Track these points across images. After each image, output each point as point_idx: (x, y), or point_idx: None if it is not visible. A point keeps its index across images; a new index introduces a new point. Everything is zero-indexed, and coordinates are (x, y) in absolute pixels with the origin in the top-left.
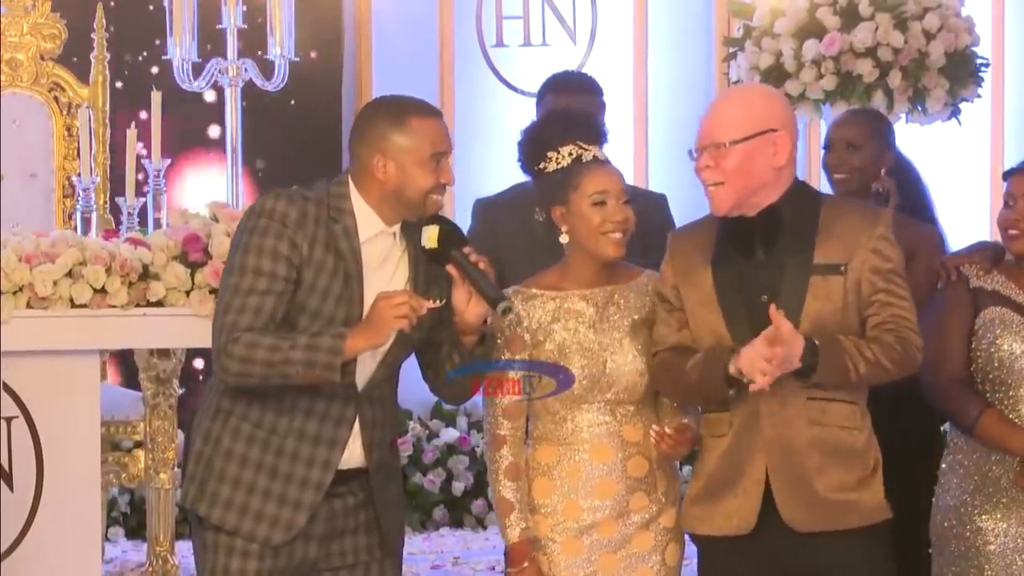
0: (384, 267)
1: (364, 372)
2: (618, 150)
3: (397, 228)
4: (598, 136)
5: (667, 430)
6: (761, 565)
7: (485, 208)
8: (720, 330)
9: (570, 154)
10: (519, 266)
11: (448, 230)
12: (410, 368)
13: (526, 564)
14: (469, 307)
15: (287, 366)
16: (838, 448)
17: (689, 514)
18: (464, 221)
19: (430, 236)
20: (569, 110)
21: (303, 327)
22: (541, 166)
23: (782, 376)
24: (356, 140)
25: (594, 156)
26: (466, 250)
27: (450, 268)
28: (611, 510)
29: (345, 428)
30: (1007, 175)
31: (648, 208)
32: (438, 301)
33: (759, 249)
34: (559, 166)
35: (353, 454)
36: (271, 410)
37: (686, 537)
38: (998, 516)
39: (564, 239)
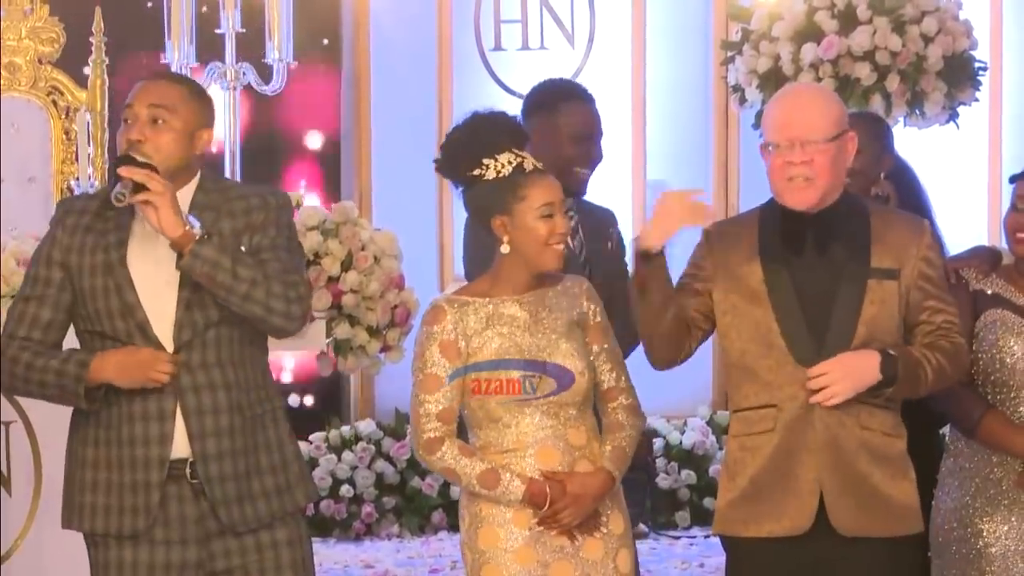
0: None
1: (167, 331)
2: (616, 154)
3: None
4: (525, 140)
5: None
6: (801, 569)
7: None
8: (769, 325)
9: (510, 162)
10: None
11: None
12: (407, 374)
13: (548, 494)
14: (156, 221)
15: (44, 388)
16: (884, 454)
17: (729, 517)
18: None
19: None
20: (495, 114)
21: (92, 311)
22: (476, 173)
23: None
24: None
25: (534, 166)
26: (120, 177)
27: (135, 202)
28: None
29: (168, 403)
30: (1015, 179)
31: (601, 222)
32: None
33: (810, 249)
34: (499, 174)
35: (178, 446)
36: (104, 406)
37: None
38: (999, 518)
39: (505, 249)
